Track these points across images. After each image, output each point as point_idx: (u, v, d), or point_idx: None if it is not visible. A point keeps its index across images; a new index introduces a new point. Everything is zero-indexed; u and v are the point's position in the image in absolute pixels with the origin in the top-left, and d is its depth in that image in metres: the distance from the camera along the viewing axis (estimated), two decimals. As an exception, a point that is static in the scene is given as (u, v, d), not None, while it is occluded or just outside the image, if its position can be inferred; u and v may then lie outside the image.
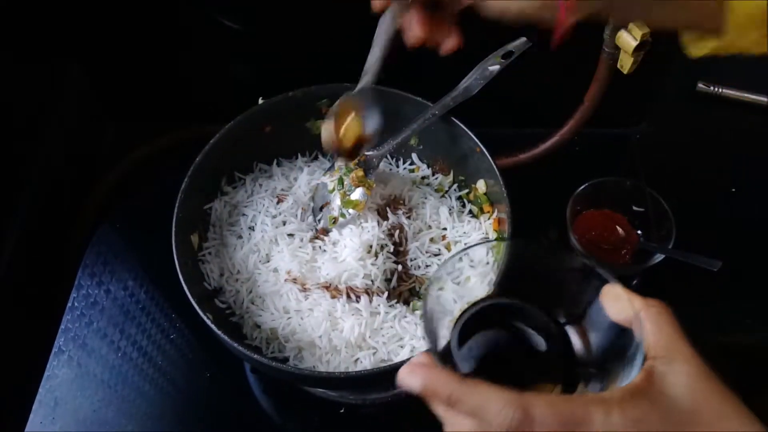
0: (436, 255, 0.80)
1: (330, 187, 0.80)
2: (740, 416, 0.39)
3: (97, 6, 0.91)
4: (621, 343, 0.41)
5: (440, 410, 0.41)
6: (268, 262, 0.78)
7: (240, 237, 0.81)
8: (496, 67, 0.78)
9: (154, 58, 0.99)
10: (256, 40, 0.96)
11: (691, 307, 0.75)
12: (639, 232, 0.89)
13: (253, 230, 0.80)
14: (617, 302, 0.42)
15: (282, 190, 0.84)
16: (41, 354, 0.84)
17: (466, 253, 0.47)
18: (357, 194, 0.78)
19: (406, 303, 0.77)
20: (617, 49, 0.78)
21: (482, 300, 0.47)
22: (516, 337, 0.46)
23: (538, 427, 0.37)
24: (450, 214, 0.82)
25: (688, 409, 0.38)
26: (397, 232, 0.79)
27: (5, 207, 0.86)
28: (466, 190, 0.85)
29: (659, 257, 0.84)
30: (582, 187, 0.88)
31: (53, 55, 0.95)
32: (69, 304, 0.88)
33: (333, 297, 0.74)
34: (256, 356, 0.65)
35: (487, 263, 0.77)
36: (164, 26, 0.95)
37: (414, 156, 0.90)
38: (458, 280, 0.78)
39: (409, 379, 0.41)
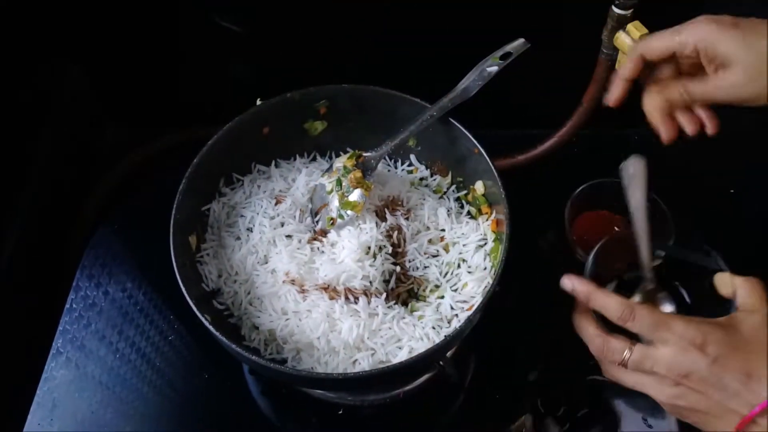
0: (434, 256, 0.80)
1: (328, 189, 0.80)
2: None
3: (96, 7, 0.91)
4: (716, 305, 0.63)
5: (577, 315, 0.64)
6: (267, 263, 0.78)
7: (238, 238, 0.81)
8: (494, 68, 0.78)
9: (154, 60, 0.99)
10: (255, 41, 0.96)
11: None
12: None
13: (252, 231, 0.80)
14: (725, 283, 0.62)
15: (280, 191, 0.84)
16: (39, 355, 0.84)
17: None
18: (355, 195, 0.78)
19: (405, 304, 0.77)
20: (615, 50, 0.77)
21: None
22: None
23: (637, 320, 0.58)
24: (448, 215, 0.82)
25: (746, 338, 0.56)
26: (396, 233, 0.79)
27: (5, 207, 0.86)
28: (465, 192, 0.85)
29: (659, 257, 0.84)
30: (580, 188, 0.88)
31: (53, 56, 0.95)
32: (67, 306, 0.88)
33: (331, 298, 0.74)
34: (254, 357, 0.65)
35: (485, 268, 0.78)
36: (163, 27, 0.95)
37: (412, 157, 0.90)
38: (456, 287, 0.79)
39: (566, 282, 0.64)
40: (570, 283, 0.63)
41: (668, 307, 0.70)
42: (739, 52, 0.58)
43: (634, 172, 0.70)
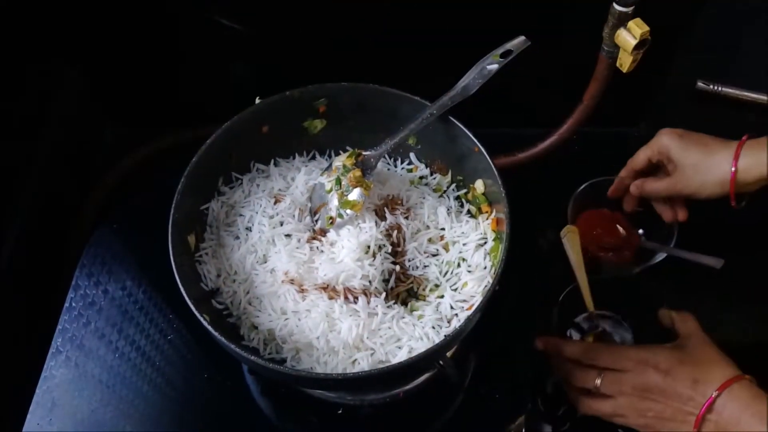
0: (434, 255, 0.80)
1: (327, 187, 0.80)
2: (722, 364, 0.68)
3: (96, 7, 0.91)
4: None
5: (552, 360, 0.78)
6: (266, 262, 0.78)
7: (237, 237, 0.80)
8: (494, 66, 0.78)
9: (153, 60, 0.99)
10: (255, 40, 0.96)
11: (690, 308, 0.76)
12: (640, 231, 0.89)
13: (251, 231, 0.80)
14: (665, 316, 0.76)
15: (279, 190, 0.83)
16: (39, 354, 0.84)
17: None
18: (355, 194, 0.78)
19: (404, 304, 0.77)
20: (616, 47, 0.77)
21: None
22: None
23: (600, 356, 0.72)
24: (448, 214, 0.82)
25: (690, 354, 0.69)
26: (395, 232, 0.79)
27: (5, 207, 0.86)
28: (465, 190, 0.85)
29: (661, 256, 0.84)
30: (582, 186, 0.88)
31: (53, 55, 0.95)
32: (66, 305, 0.88)
33: (331, 298, 0.74)
34: (253, 357, 0.65)
35: (485, 268, 0.78)
36: (163, 27, 0.95)
37: (412, 156, 0.89)
38: (456, 286, 0.79)
39: (538, 343, 0.79)
40: (541, 343, 0.78)
41: (616, 342, 0.84)
42: (683, 155, 0.79)
43: (568, 239, 0.85)
